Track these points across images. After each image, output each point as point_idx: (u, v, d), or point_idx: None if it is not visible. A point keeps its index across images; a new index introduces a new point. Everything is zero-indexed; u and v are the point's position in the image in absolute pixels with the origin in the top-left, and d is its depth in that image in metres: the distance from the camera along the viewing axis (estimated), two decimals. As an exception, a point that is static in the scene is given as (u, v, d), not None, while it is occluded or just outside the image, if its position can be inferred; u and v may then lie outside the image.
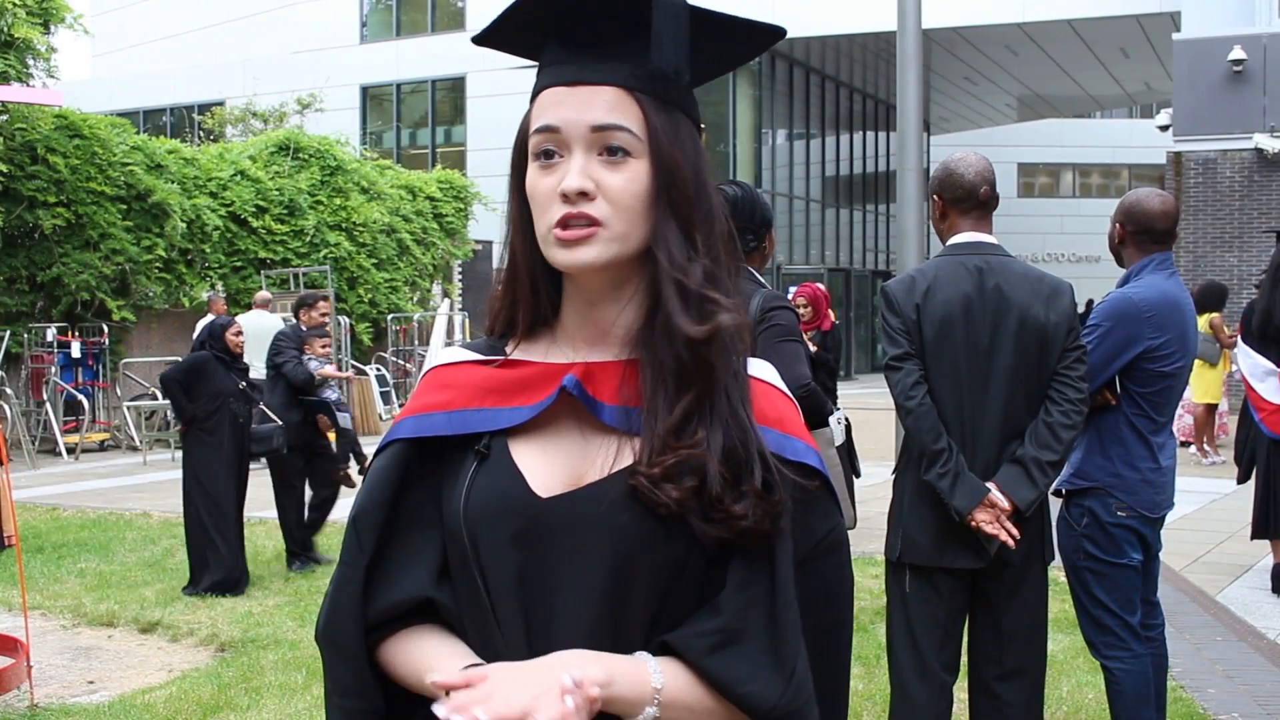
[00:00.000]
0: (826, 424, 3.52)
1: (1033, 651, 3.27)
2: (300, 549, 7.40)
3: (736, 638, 1.15)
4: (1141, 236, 3.64)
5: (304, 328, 7.98)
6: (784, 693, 1.14)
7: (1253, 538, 6.60)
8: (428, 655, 1.21)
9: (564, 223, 1.18)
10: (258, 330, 12.73)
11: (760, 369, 1.28)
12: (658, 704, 1.12)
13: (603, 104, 1.19)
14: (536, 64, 1.28)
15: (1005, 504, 3.08)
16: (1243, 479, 6.74)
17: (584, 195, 1.17)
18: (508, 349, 1.30)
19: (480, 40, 1.30)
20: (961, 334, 3.16)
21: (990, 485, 3.10)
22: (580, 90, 1.19)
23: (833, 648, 1.25)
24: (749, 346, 1.24)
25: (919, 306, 3.19)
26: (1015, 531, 3.09)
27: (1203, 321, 11.22)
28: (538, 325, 1.29)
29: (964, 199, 3.29)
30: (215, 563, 6.67)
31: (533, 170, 1.22)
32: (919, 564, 3.22)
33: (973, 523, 3.08)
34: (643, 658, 1.15)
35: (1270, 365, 6.18)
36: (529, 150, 1.22)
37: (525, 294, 1.27)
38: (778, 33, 1.26)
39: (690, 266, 1.19)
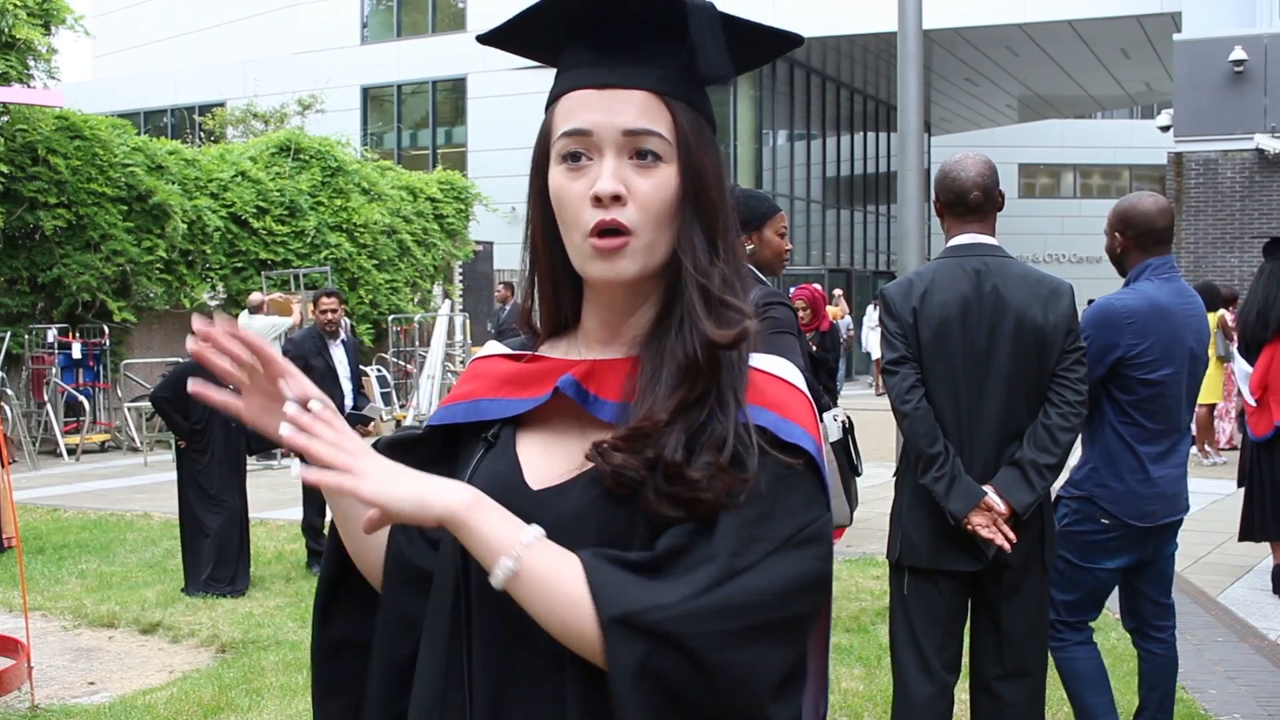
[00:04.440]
0: (821, 420, 3.52)
1: (1034, 652, 3.27)
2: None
3: (632, 565, 1.09)
4: (1144, 239, 3.63)
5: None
6: (647, 606, 1.05)
7: (1240, 539, 6.61)
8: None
9: (598, 231, 1.16)
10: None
11: (776, 365, 1.25)
12: (516, 558, 1.08)
13: (634, 108, 1.17)
14: (540, 65, 1.28)
15: (1002, 507, 3.08)
16: (1241, 481, 6.79)
17: (617, 199, 1.16)
18: (539, 346, 1.32)
19: (489, 40, 1.28)
20: (959, 336, 3.16)
21: (987, 489, 3.10)
22: (610, 93, 1.18)
23: (793, 639, 1.14)
24: (756, 345, 1.23)
25: (916, 309, 3.19)
26: (1011, 535, 3.08)
27: (1211, 321, 11.23)
28: (560, 327, 1.30)
29: (956, 203, 3.29)
30: (207, 559, 6.67)
31: (559, 173, 1.20)
32: (918, 566, 3.23)
33: (969, 526, 3.08)
34: (535, 529, 1.11)
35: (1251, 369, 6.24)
36: (553, 153, 1.21)
37: (546, 297, 1.29)
38: (795, 40, 1.27)
39: (712, 271, 1.19)
